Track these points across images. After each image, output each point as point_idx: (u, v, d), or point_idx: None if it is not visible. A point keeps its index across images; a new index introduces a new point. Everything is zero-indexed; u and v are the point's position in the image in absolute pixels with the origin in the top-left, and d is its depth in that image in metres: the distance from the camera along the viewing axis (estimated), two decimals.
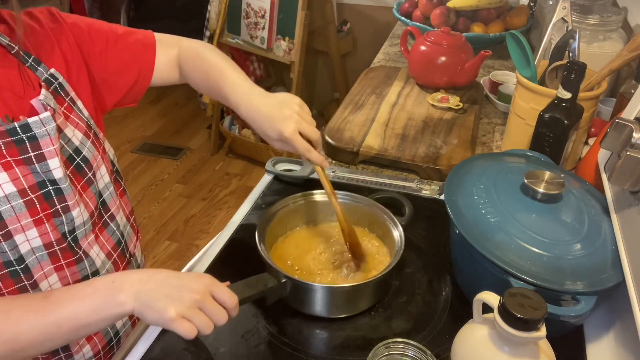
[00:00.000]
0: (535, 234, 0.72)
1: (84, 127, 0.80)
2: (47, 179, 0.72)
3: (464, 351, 0.60)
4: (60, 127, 0.75)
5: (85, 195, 0.78)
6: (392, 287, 0.86)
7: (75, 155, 0.77)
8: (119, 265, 0.87)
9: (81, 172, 0.78)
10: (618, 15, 1.31)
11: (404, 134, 1.23)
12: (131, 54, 0.89)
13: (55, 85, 0.77)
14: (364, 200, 0.92)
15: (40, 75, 0.76)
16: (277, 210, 0.89)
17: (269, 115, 0.80)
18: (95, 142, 0.82)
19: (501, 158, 0.91)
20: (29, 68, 0.75)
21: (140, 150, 3.14)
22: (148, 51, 0.92)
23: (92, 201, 0.80)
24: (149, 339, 0.76)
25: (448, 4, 1.80)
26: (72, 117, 0.79)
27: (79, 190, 0.77)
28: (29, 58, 0.76)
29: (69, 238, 0.76)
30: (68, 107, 0.79)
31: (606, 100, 1.28)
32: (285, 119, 0.79)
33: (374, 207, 0.91)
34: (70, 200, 0.74)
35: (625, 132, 0.70)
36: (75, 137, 0.78)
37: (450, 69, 1.40)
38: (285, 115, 0.79)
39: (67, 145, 0.76)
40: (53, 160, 0.72)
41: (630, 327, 0.66)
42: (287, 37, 2.52)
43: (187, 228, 2.58)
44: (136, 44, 0.90)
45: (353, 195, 0.92)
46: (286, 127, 0.79)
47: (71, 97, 0.80)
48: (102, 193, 0.83)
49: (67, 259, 0.77)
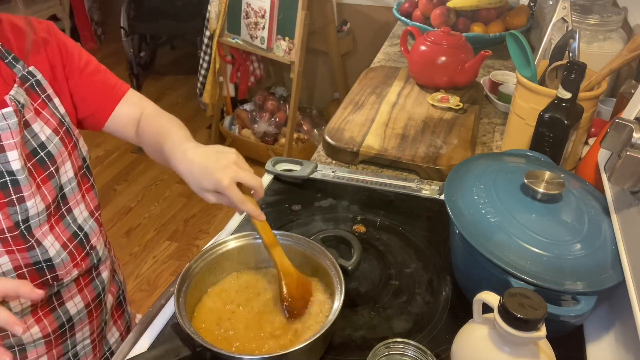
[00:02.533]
0: (535, 234, 0.72)
1: (55, 123, 0.84)
2: (5, 169, 0.76)
3: (464, 351, 0.60)
4: (28, 122, 0.80)
5: (44, 188, 0.82)
6: (392, 288, 0.86)
7: (39, 149, 0.81)
8: (75, 256, 0.89)
9: (43, 165, 0.82)
10: (618, 15, 1.31)
11: (404, 134, 1.23)
12: (99, 88, 0.94)
13: (32, 82, 0.82)
14: (306, 242, 0.81)
15: (18, 72, 0.80)
16: (208, 254, 0.80)
17: (204, 164, 0.76)
18: (65, 138, 0.85)
19: (501, 158, 0.91)
20: (6, 64, 0.80)
21: (141, 150, 3.08)
22: (113, 95, 0.95)
23: (50, 194, 0.83)
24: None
25: (448, 4, 1.80)
26: (44, 113, 0.83)
27: (37, 182, 0.81)
28: (9, 55, 0.80)
29: (22, 227, 0.79)
30: (41, 104, 0.83)
31: (606, 100, 1.28)
32: (222, 168, 0.74)
33: (316, 251, 0.80)
34: (26, 191, 0.78)
35: (625, 132, 0.70)
36: (42, 132, 0.82)
37: (450, 69, 1.40)
38: (222, 164, 0.75)
39: (32, 139, 0.80)
40: (12, 152, 0.76)
41: (630, 327, 0.66)
42: (287, 37, 2.52)
43: (187, 228, 2.58)
44: (107, 85, 0.95)
45: (293, 236, 0.82)
46: (224, 176, 0.74)
47: (48, 94, 0.84)
48: (63, 187, 0.86)
49: (19, 246, 0.80)
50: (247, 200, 0.76)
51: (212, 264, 0.80)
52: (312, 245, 0.80)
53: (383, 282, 0.87)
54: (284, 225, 0.99)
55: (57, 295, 0.88)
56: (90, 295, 0.94)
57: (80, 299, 0.92)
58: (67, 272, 0.88)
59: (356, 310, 0.82)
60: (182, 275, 0.75)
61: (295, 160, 1.15)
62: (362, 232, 0.98)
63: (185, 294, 0.74)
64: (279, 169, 1.13)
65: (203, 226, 2.59)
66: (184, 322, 0.68)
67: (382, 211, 1.03)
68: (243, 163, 0.77)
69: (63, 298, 0.89)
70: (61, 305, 0.89)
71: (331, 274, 0.76)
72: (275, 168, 1.13)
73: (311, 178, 1.10)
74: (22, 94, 0.79)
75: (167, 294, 0.83)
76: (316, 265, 0.80)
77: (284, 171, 1.12)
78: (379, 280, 0.87)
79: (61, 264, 0.86)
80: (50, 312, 0.88)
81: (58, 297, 0.89)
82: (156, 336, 0.77)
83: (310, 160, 1.17)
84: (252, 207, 0.76)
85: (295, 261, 0.82)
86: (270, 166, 1.13)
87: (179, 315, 0.69)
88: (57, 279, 0.86)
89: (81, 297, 0.92)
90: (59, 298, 0.89)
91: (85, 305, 0.93)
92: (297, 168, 1.13)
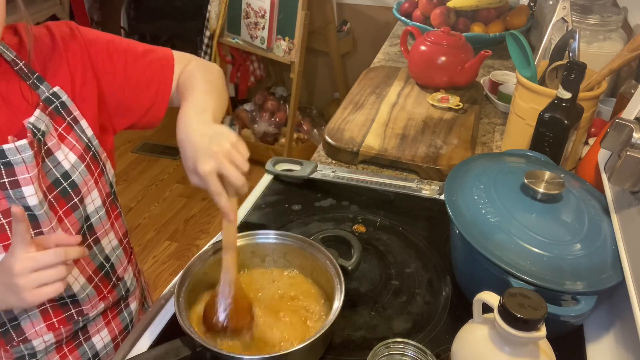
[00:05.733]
0: (535, 234, 0.72)
1: (81, 149, 0.78)
2: (21, 205, 0.71)
3: (464, 351, 0.60)
4: (51, 150, 0.74)
5: (66, 221, 0.77)
6: (392, 288, 0.86)
7: (62, 180, 0.76)
8: (101, 289, 0.85)
9: (66, 197, 0.76)
10: (618, 15, 1.31)
11: (404, 134, 1.22)
12: (150, 74, 0.87)
13: (57, 105, 0.76)
14: (306, 242, 0.80)
15: (42, 94, 0.75)
16: (206, 256, 0.79)
17: (196, 143, 0.71)
18: (91, 165, 0.80)
19: (501, 158, 0.91)
20: (30, 86, 0.74)
21: (140, 150, 3.14)
22: (166, 69, 0.88)
23: (74, 227, 0.78)
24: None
25: (448, 4, 1.80)
26: (69, 138, 0.77)
27: (60, 215, 0.76)
28: (32, 75, 0.75)
29: None
30: (66, 128, 0.77)
31: (606, 100, 1.28)
32: (207, 155, 0.69)
33: (316, 251, 0.79)
34: (44, 227, 0.73)
35: (625, 132, 0.70)
36: (67, 160, 0.76)
37: (450, 69, 1.40)
38: (210, 150, 0.69)
39: (55, 168, 0.75)
40: (28, 188, 0.71)
41: (630, 327, 0.66)
42: (287, 37, 2.52)
43: (187, 228, 2.58)
44: (155, 63, 0.87)
45: (293, 236, 0.81)
46: (204, 163, 0.68)
47: (74, 116, 0.78)
48: (90, 217, 0.81)
49: None
50: (222, 193, 0.70)
51: (212, 264, 0.79)
52: (312, 245, 0.80)
53: (383, 282, 0.87)
54: (284, 225, 0.99)
55: (82, 330, 0.85)
56: (118, 328, 0.91)
57: (107, 332, 0.88)
58: (92, 307, 0.84)
59: (356, 310, 0.82)
60: (182, 275, 0.75)
61: (295, 160, 1.15)
62: (362, 232, 0.98)
63: (185, 294, 0.74)
64: (279, 169, 1.13)
65: (203, 226, 2.59)
66: (184, 322, 0.68)
67: (382, 211, 1.03)
68: (237, 155, 0.71)
69: (89, 332, 0.86)
70: (87, 340, 0.86)
71: (331, 274, 0.76)
72: (275, 168, 1.13)
73: (311, 178, 1.10)
74: (45, 119, 0.73)
75: (167, 294, 0.83)
76: (316, 265, 0.80)
77: (284, 171, 1.12)
78: (379, 280, 0.87)
79: (86, 299, 0.82)
80: (75, 348, 0.84)
81: (84, 331, 0.85)
82: (156, 336, 0.77)
83: (310, 160, 1.17)
84: (225, 204, 0.70)
85: (296, 261, 0.82)
86: (270, 166, 1.13)
87: (179, 315, 0.69)
88: (82, 313, 0.83)
89: (108, 331, 0.88)
90: (84, 333, 0.85)
91: (112, 338, 0.90)
92: (297, 168, 1.13)
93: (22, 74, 0.74)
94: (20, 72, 0.74)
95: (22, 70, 0.74)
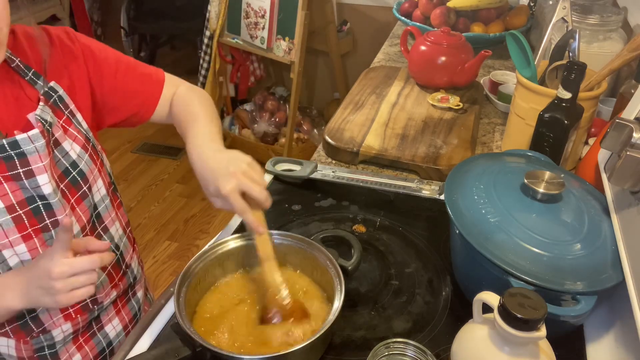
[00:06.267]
0: (535, 234, 0.72)
1: (82, 140, 0.81)
2: (36, 194, 0.73)
3: (464, 351, 0.60)
4: (58, 141, 0.76)
5: (78, 209, 0.79)
6: (392, 288, 0.86)
7: (71, 169, 0.78)
8: (113, 276, 0.88)
9: (76, 185, 0.79)
10: (618, 15, 1.31)
11: (404, 134, 1.22)
12: (139, 85, 0.91)
13: (55, 98, 0.79)
14: (306, 242, 0.81)
15: (40, 89, 0.77)
16: (207, 254, 0.79)
17: (214, 169, 0.76)
18: (93, 155, 0.83)
19: (501, 158, 0.91)
20: (28, 82, 0.76)
21: (140, 150, 3.14)
22: (156, 86, 0.93)
23: (85, 214, 0.81)
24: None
25: (448, 4, 1.80)
26: (70, 130, 0.80)
27: (72, 204, 0.78)
28: (29, 72, 0.77)
29: None
30: (67, 120, 0.80)
31: (606, 100, 1.28)
32: (227, 176, 0.73)
33: (316, 251, 0.79)
34: (59, 214, 0.76)
35: (625, 132, 0.70)
36: (73, 150, 0.79)
37: (450, 69, 1.40)
38: (228, 171, 0.74)
39: (63, 158, 0.77)
40: (42, 176, 0.73)
41: (630, 327, 0.66)
42: (287, 37, 2.52)
43: (187, 228, 2.58)
44: (145, 77, 0.92)
45: (293, 236, 0.82)
46: (225, 183, 0.73)
47: (70, 109, 0.81)
48: (97, 206, 0.84)
49: None
50: (247, 210, 0.74)
51: (212, 264, 0.79)
52: (312, 245, 0.80)
53: (383, 282, 0.87)
54: (284, 225, 0.99)
55: (96, 319, 0.87)
56: (128, 316, 0.94)
57: (118, 321, 0.91)
58: (106, 295, 0.87)
59: (356, 310, 0.82)
60: (182, 275, 0.75)
61: (295, 160, 1.15)
62: (362, 232, 0.98)
63: (185, 294, 0.74)
64: (279, 169, 1.13)
65: (203, 226, 2.59)
66: (184, 322, 0.68)
67: (382, 211, 1.03)
68: (256, 173, 0.76)
69: (102, 322, 0.89)
70: (100, 329, 0.88)
71: (331, 273, 0.76)
72: (275, 168, 1.13)
73: (311, 178, 1.10)
74: (49, 112, 0.76)
75: (167, 294, 0.83)
76: (316, 266, 0.80)
77: (284, 171, 1.12)
78: (379, 280, 0.87)
79: (100, 287, 0.85)
80: (90, 338, 0.87)
81: (97, 321, 0.88)
82: (156, 336, 0.77)
83: (310, 160, 1.17)
84: (252, 219, 0.74)
85: (296, 261, 0.82)
86: (270, 166, 1.13)
87: (179, 315, 0.69)
88: (97, 302, 0.85)
89: (119, 319, 0.91)
90: (98, 322, 0.88)
91: (124, 327, 0.92)
92: (297, 168, 1.13)
93: (19, 71, 0.76)
94: (17, 69, 0.76)
95: (19, 67, 0.76)
